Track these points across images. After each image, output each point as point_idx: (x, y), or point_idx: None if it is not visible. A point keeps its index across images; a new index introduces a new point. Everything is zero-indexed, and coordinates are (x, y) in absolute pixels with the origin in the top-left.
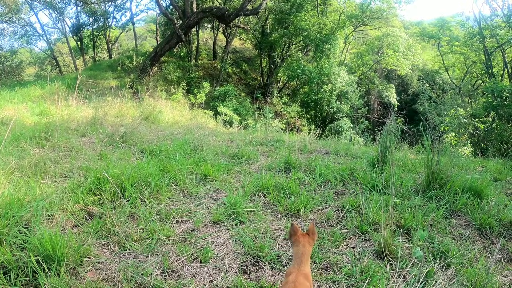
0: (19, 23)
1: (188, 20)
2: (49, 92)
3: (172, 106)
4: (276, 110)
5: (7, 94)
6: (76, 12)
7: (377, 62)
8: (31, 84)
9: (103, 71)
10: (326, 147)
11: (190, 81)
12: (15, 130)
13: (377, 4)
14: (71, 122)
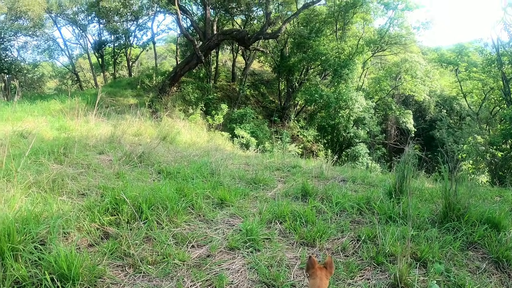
0: (43, 37)
1: (209, 42)
2: (69, 107)
3: (189, 127)
4: (293, 134)
5: (28, 106)
6: (99, 29)
7: (395, 87)
8: (51, 97)
9: (122, 88)
10: (343, 174)
11: (208, 102)
12: (34, 144)
13: (396, 30)
14: (90, 138)
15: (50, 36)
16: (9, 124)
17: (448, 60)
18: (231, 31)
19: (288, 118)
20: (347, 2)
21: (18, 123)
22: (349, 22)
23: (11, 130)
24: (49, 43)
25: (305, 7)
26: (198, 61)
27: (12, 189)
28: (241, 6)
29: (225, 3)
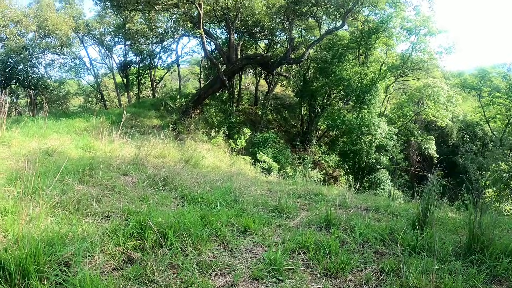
0: (70, 55)
1: (233, 66)
2: (94, 126)
3: (212, 150)
4: (314, 159)
5: (53, 123)
6: (124, 50)
7: (417, 113)
8: (76, 116)
9: (146, 109)
10: (365, 203)
11: (231, 126)
12: (59, 162)
13: (418, 55)
14: (114, 159)
15: (77, 55)
16: (35, 141)
17: (471, 85)
18: (255, 56)
19: (310, 143)
20: (369, 28)
21: (43, 140)
22: (371, 48)
23: (36, 147)
24: (76, 61)
25: (328, 33)
26: (221, 85)
27: (37, 207)
28: (265, 31)
29: (249, 27)
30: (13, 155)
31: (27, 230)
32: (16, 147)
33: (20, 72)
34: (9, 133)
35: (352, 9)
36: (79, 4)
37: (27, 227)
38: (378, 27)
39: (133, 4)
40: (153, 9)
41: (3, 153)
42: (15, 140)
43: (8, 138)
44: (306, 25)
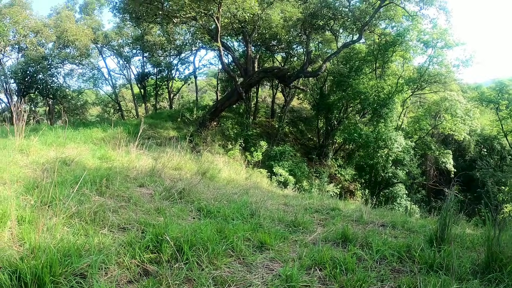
0: (88, 66)
1: (250, 79)
2: (111, 136)
3: (228, 163)
4: (330, 173)
5: (71, 133)
6: (142, 61)
7: (434, 127)
8: (94, 125)
9: (163, 120)
10: (382, 219)
11: (247, 138)
12: (76, 172)
13: (435, 68)
14: (130, 170)
15: (95, 66)
16: (53, 150)
17: (488, 99)
18: (272, 69)
19: (326, 156)
20: (386, 41)
21: (61, 149)
22: (388, 61)
23: (54, 156)
24: (94, 72)
25: (345, 46)
26: (238, 98)
27: (54, 217)
28: (282, 44)
29: (266, 40)
30: (31, 163)
31: (43, 240)
32: (34, 155)
33: (39, 81)
34: (27, 141)
35: (369, 22)
36: (98, 16)
37: (44, 236)
38: (395, 40)
39: (151, 17)
40: (171, 21)
41: (21, 161)
42: (33, 148)
43: (26, 146)
44: (323, 38)
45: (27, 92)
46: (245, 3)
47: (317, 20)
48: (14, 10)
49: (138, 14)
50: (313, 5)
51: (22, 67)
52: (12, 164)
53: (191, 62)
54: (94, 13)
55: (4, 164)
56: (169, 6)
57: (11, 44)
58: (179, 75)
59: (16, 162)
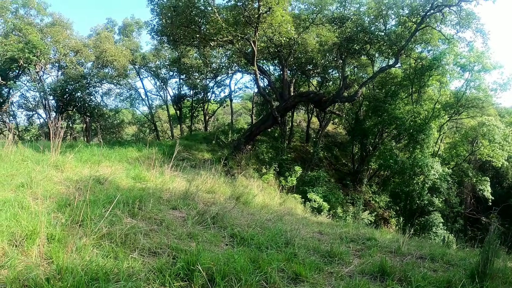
0: (126, 86)
1: (285, 103)
2: (146, 156)
3: (262, 187)
4: (365, 199)
5: (106, 151)
6: (179, 83)
7: (472, 153)
8: (129, 145)
9: (198, 142)
10: (420, 250)
11: (282, 163)
12: (110, 191)
13: (473, 92)
14: (164, 192)
15: (133, 86)
16: (87, 167)
17: None
18: (308, 94)
19: (360, 182)
20: (422, 65)
21: (95, 166)
22: (424, 85)
23: (88, 174)
24: (132, 92)
25: (381, 71)
26: (274, 122)
27: (84, 237)
28: (318, 68)
29: (302, 65)
30: (65, 180)
31: (71, 260)
32: (69, 172)
33: (78, 99)
34: (63, 157)
35: (405, 46)
36: (136, 38)
37: (72, 257)
38: (431, 64)
39: (188, 40)
40: (208, 45)
41: (55, 177)
42: (68, 165)
43: (61, 162)
44: (358, 62)
45: (65, 109)
46: (282, 27)
47: (353, 44)
48: (56, 29)
49: (175, 37)
50: (349, 30)
51: (61, 85)
52: (46, 180)
53: (227, 85)
54: (132, 35)
55: (39, 179)
56: (206, 29)
57: (51, 62)
58: (214, 98)
59: (50, 178)
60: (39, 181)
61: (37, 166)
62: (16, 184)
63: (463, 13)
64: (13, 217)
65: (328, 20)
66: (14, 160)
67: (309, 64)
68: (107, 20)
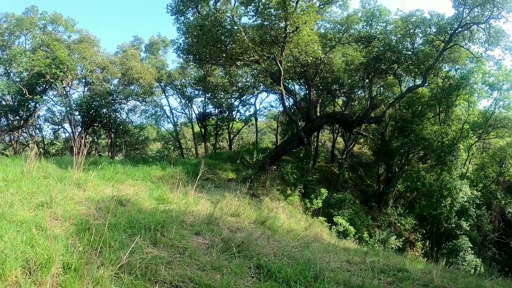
0: (151, 103)
1: (312, 123)
2: (169, 175)
3: (287, 209)
4: (390, 221)
5: (130, 169)
6: (204, 102)
7: (500, 174)
8: (153, 162)
9: (222, 161)
10: (454, 283)
11: (307, 184)
12: (132, 214)
13: (501, 112)
14: (187, 215)
15: (158, 103)
16: (110, 186)
17: None
18: (335, 114)
19: (385, 204)
20: (450, 84)
21: (118, 185)
22: (452, 105)
23: (110, 194)
24: (157, 109)
25: (409, 91)
26: (300, 143)
27: (102, 267)
28: (344, 88)
29: (328, 84)
30: (86, 199)
31: None
32: (91, 191)
33: (103, 115)
34: (85, 175)
35: (434, 65)
36: (163, 56)
37: None
38: (459, 83)
39: (214, 59)
40: (234, 64)
41: (77, 196)
42: (90, 183)
43: (84, 180)
44: (385, 82)
45: (91, 125)
46: (308, 47)
47: (380, 64)
48: (83, 46)
49: (201, 56)
50: (376, 49)
51: (87, 101)
52: (67, 199)
53: (252, 104)
54: (159, 53)
55: (59, 199)
56: (233, 49)
57: (78, 78)
58: (239, 116)
59: (72, 197)
60: (59, 200)
61: (59, 184)
62: (36, 203)
63: (491, 30)
64: (29, 241)
65: (354, 39)
66: (36, 176)
67: (335, 84)
68: (134, 38)
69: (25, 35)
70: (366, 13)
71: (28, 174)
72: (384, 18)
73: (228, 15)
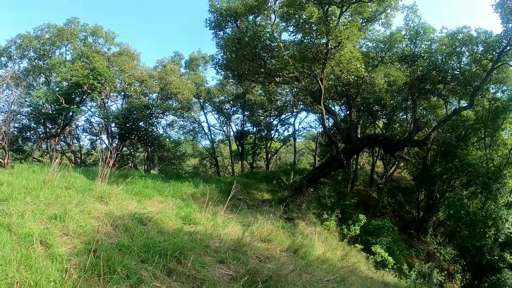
0: (189, 119)
1: (352, 146)
2: (201, 193)
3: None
4: (428, 250)
5: (161, 184)
6: (242, 120)
7: None
8: (186, 179)
9: (258, 181)
10: None
11: (344, 208)
12: (150, 234)
13: None
14: (213, 239)
15: (196, 119)
16: (136, 201)
17: None
18: (377, 136)
19: (425, 231)
20: (497, 107)
21: (145, 201)
22: (498, 129)
23: (133, 211)
24: (195, 125)
25: (456, 113)
26: (339, 165)
27: None
28: (386, 109)
29: (370, 105)
30: (106, 214)
31: None
32: (113, 205)
33: (140, 128)
34: (110, 188)
35: (481, 86)
36: (202, 72)
37: None
38: (507, 106)
39: (253, 75)
40: (273, 81)
41: (96, 210)
42: (114, 197)
43: (107, 194)
44: (428, 104)
45: (127, 137)
46: (351, 64)
47: (425, 84)
48: (122, 59)
49: (240, 72)
50: (421, 68)
51: (124, 113)
52: (84, 213)
53: (291, 124)
54: (198, 69)
55: (75, 212)
56: (272, 64)
57: (117, 91)
58: (278, 136)
59: (89, 211)
60: (75, 214)
61: (80, 195)
62: (49, 215)
63: None
64: (24, 260)
65: (398, 58)
66: (58, 186)
67: (377, 105)
68: (174, 54)
69: (66, 45)
70: (410, 31)
71: (50, 183)
72: (429, 36)
73: (268, 30)
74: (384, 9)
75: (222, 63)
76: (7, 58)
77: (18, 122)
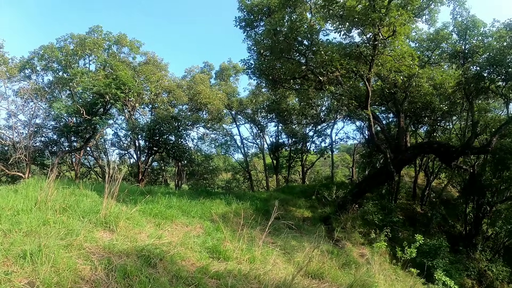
0: (221, 131)
1: (403, 155)
2: (234, 212)
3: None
4: (479, 268)
5: (187, 203)
6: (277, 131)
7: None
8: (217, 196)
9: (295, 196)
10: None
11: (392, 226)
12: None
13: None
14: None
15: (228, 132)
16: (154, 225)
17: None
18: (431, 144)
19: (474, 247)
20: None
21: (165, 225)
22: None
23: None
24: (227, 138)
25: None
26: (388, 178)
27: None
28: (435, 114)
29: (418, 110)
30: (103, 249)
31: None
32: (120, 233)
33: (168, 141)
34: (121, 208)
35: None
36: (234, 83)
37: None
38: None
39: (288, 80)
40: (316, 80)
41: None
42: (124, 222)
43: (115, 217)
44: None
45: (156, 151)
46: (404, 60)
47: (484, 82)
48: (148, 68)
49: (274, 76)
50: (477, 64)
51: (149, 125)
52: (71, 248)
53: (328, 135)
54: (229, 80)
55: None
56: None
57: (145, 103)
58: (314, 148)
59: (80, 245)
60: (56, 250)
61: (77, 221)
62: (18, 252)
63: None
64: None
65: (449, 56)
66: (51, 208)
67: (425, 109)
68: (204, 64)
69: (89, 55)
70: (459, 26)
71: (42, 204)
72: (480, 30)
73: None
74: (427, 4)
75: (254, 66)
76: (31, 70)
77: (44, 136)
